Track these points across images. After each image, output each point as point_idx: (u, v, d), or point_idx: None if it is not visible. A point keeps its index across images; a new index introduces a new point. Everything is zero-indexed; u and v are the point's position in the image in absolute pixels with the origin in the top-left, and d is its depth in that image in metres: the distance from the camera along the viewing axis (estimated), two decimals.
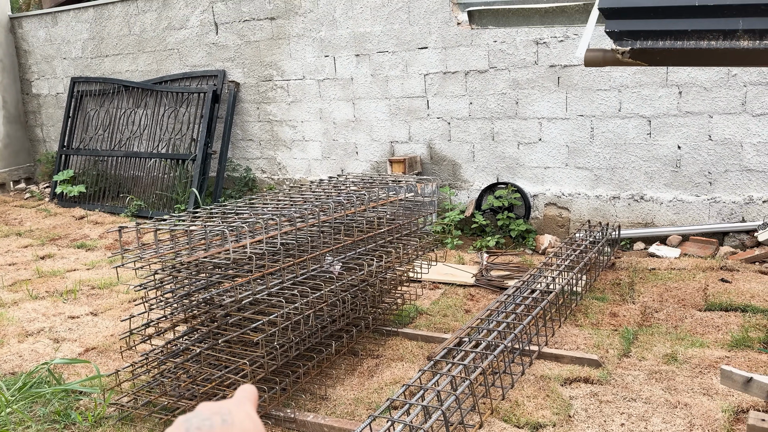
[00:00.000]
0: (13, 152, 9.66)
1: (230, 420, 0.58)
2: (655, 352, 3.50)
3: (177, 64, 7.97)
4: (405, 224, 3.92)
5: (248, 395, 0.66)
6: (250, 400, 0.65)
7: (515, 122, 5.96)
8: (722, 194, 5.25)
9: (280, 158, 7.47)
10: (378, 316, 4.02)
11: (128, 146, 8.27)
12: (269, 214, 3.13)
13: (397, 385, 3.25)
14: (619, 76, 5.44)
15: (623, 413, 2.88)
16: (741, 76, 5.05)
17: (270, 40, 7.21)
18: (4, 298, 4.83)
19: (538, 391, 3.11)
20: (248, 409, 0.62)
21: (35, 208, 8.31)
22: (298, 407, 3.09)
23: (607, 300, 4.33)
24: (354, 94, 6.78)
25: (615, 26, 1.94)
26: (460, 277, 4.91)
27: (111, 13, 8.41)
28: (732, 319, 3.88)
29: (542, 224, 6.00)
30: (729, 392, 2.98)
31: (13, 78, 9.61)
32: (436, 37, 6.18)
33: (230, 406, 0.61)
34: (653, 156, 5.44)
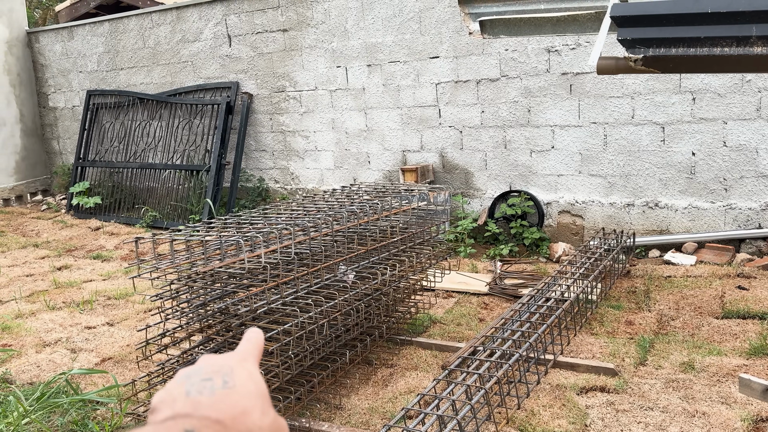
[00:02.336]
0: (30, 165, 9.79)
1: (232, 382, 0.56)
2: (671, 361, 3.46)
3: (191, 77, 8.06)
4: (418, 233, 3.92)
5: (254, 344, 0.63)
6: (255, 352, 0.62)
7: (527, 130, 5.96)
8: (738, 200, 5.20)
9: (293, 168, 7.51)
10: (392, 325, 4.02)
11: (143, 158, 8.36)
12: (283, 223, 3.15)
13: (411, 394, 3.24)
14: (631, 83, 5.42)
15: (640, 422, 2.85)
16: (755, 81, 5.02)
17: (283, 52, 7.27)
18: (22, 309, 4.88)
19: (554, 400, 3.09)
20: (251, 367, 0.60)
21: (52, 219, 8.41)
22: (313, 417, 3.09)
23: (623, 308, 4.30)
24: (366, 104, 6.82)
25: (627, 34, 1.94)
26: (474, 286, 4.90)
27: (126, 26, 8.53)
28: (750, 327, 3.84)
29: (556, 232, 5.98)
30: (748, 401, 2.94)
31: (30, 92, 9.76)
32: (448, 46, 6.20)
33: (233, 363, 0.58)
34: (667, 163, 5.41)
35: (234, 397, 0.54)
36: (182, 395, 0.54)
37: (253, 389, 0.56)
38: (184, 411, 0.52)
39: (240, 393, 0.55)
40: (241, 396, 0.55)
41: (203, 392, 0.54)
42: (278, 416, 0.57)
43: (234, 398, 0.54)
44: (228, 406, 0.53)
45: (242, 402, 0.54)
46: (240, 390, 0.55)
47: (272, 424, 0.56)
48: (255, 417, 0.54)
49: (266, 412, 0.55)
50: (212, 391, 0.54)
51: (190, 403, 0.53)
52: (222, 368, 0.57)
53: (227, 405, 0.53)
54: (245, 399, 0.54)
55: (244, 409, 0.54)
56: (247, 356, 0.61)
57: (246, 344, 0.62)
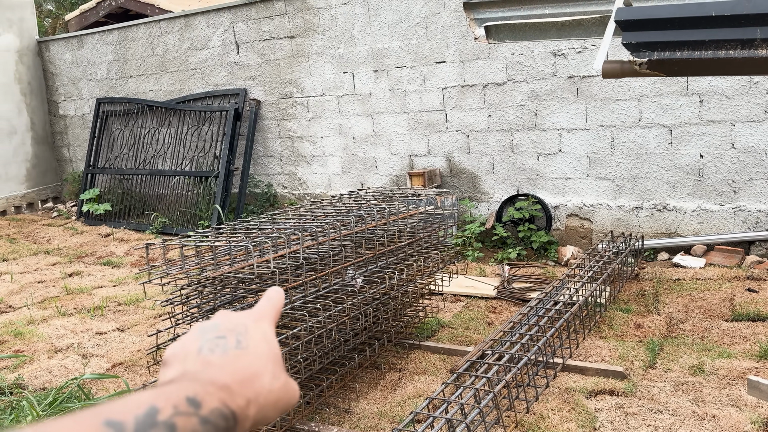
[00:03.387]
0: (41, 172, 9.89)
1: (245, 342, 0.54)
2: (681, 364, 3.45)
3: (199, 84, 8.12)
4: (425, 237, 3.94)
5: (273, 304, 0.61)
6: (272, 312, 0.61)
7: (534, 134, 5.96)
8: (747, 203, 5.18)
9: (301, 174, 7.54)
10: (400, 329, 4.03)
11: (152, 165, 8.42)
12: (291, 229, 3.17)
13: (420, 398, 3.25)
14: (638, 85, 5.42)
15: (649, 426, 2.85)
16: (763, 83, 5.00)
17: (290, 58, 7.32)
18: (34, 315, 4.93)
19: (563, 403, 3.09)
20: (266, 328, 0.58)
21: (62, 226, 8.49)
22: (322, 421, 3.10)
23: (632, 311, 4.29)
24: (373, 109, 6.85)
25: (632, 38, 1.96)
26: (482, 290, 4.90)
27: (135, 34, 8.61)
28: (760, 329, 3.82)
29: (564, 235, 5.97)
30: (758, 403, 2.93)
31: (40, 100, 9.86)
32: (454, 51, 6.22)
33: (248, 323, 0.57)
34: (675, 165, 5.40)
35: (245, 358, 0.53)
36: (194, 352, 0.53)
37: (265, 351, 0.55)
38: (193, 369, 0.52)
39: (252, 355, 0.54)
40: (252, 358, 0.54)
41: (215, 351, 0.53)
42: (290, 379, 0.56)
43: (245, 360, 0.53)
44: (238, 368, 0.52)
45: (253, 364, 0.53)
46: (252, 351, 0.54)
47: (282, 388, 0.55)
48: (265, 380, 0.53)
49: (277, 376, 0.55)
50: (224, 351, 0.53)
51: (200, 362, 0.52)
52: (237, 327, 0.56)
53: (237, 367, 0.52)
54: (257, 361, 0.54)
55: (255, 372, 0.53)
56: (264, 315, 0.60)
57: (265, 303, 0.61)
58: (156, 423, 0.43)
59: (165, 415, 0.44)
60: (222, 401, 0.49)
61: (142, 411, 0.43)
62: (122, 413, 0.43)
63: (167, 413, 0.44)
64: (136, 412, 0.43)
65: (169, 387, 0.48)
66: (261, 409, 0.52)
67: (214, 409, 0.47)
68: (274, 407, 0.54)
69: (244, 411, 0.50)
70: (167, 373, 0.53)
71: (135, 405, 0.44)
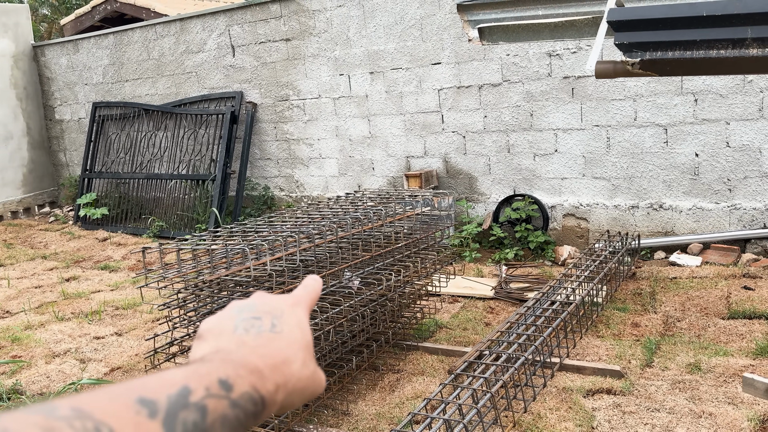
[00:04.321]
0: (38, 177, 9.88)
1: (280, 327, 0.54)
2: (678, 362, 3.47)
3: (195, 87, 8.12)
4: (422, 238, 3.94)
5: (309, 292, 0.61)
6: (308, 301, 0.60)
7: (530, 134, 5.98)
8: (742, 201, 5.20)
9: (298, 176, 7.55)
10: (398, 331, 4.04)
11: (149, 168, 8.42)
12: (288, 231, 3.18)
13: (418, 399, 3.26)
14: (633, 85, 5.44)
15: (647, 424, 2.86)
16: (757, 82, 5.02)
17: (286, 61, 7.32)
18: (31, 321, 4.93)
19: (561, 403, 3.10)
20: (301, 315, 0.58)
21: (59, 231, 8.48)
22: (321, 423, 3.11)
23: (629, 310, 4.31)
24: (369, 111, 6.86)
25: (624, 38, 1.97)
26: (480, 290, 4.91)
27: (130, 38, 8.61)
28: (756, 327, 3.84)
29: (561, 235, 5.99)
30: (755, 401, 2.94)
31: (36, 105, 9.86)
32: (449, 52, 6.23)
33: (284, 307, 0.57)
34: (671, 164, 5.41)
35: (279, 343, 0.53)
36: (229, 329, 0.53)
37: (299, 338, 0.55)
38: (226, 348, 0.52)
39: (285, 340, 0.54)
40: (285, 343, 0.54)
41: (250, 331, 0.53)
42: (318, 369, 0.57)
43: (278, 344, 0.53)
44: (270, 352, 0.52)
45: (286, 350, 0.53)
46: (286, 336, 0.54)
47: (311, 376, 0.55)
48: (295, 367, 0.53)
49: (307, 364, 0.55)
50: (259, 332, 0.53)
51: (234, 341, 0.52)
52: (273, 310, 0.56)
53: (270, 350, 0.52)
54: (289, 347, 0.54)
55: (286, 357, 0.53)
56: (300, 302, 0.59)
57: (302, 290, 0.61)
58: (188, 404, 0.43)
59: (197, 397, 0.44)
60: (252, 385, 0.49)
61: (175, 391, 0.43)
62: (155, 391, 0.43)
63: (199, 395, 0.44)
64: (169, 392, 0.43)
65: (202, 367, 0.48)
66: (289, 395, 0.53)
67: (244, 393, 0.48)
68: (300, 394, 0.54)
69: (273, 396, 0.51)
70: (201, 348, 0.53)
71: (168, 383, 0.44)
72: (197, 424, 0.43)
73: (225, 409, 0.46)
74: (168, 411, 0.42)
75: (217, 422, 0.45)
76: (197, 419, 0.43)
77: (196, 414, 0.43)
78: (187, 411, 0.43)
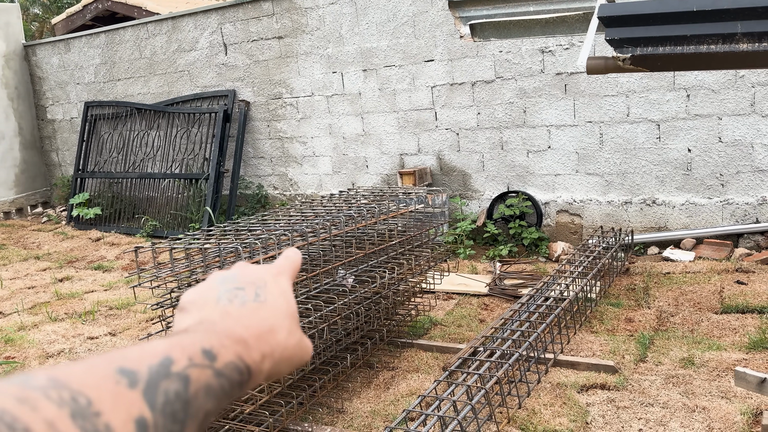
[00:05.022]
0: (30, 177, 9.83)
1: (263, 296, 0.54)
2: (671, 357, 3.48)
3: (188, 86, 8.09)
4: (416, 235, 3.94)
5: (291, 263, 0.61)
6: (290, 271, 0.60)
7: (524, 131, 5.98)
8: (735, 196, 5.23)
9: (292, 174, 7.54)
10: (392, 328, 4.04)
11: (142, 168, 8.39)
12: (281, 229, 3.17)
13: (413, 396, 3.26)
14: (626, 81, 5.45)
15: (641, 419, 2.87)
16: (749, 77, 5.04)
17: (278, 59, 7.31)
18: (25, 321, 4.90)
19: (555, 398, 3.11)
20: (284, 283, 0.57)
21: (52, 231, 8.44)
22: (316, 421, 3.11)
23: (622, 305, 4.32)
24: (362, 109, 6.85)
25: (615, 34, 1.97)
26: (474, 287, 4.92)
27: (122, 37, 8.57)
28: (749, 321, 3.85)
29: (555, 232, 6.00)
30: (748, 395, 2.96)
31: (28, 105, 9.80)
32: (442, 49, 6.23)
33: (267, 277, 0.57)
34: (664, 160, 5.43)
35: (263, 312, 0.53)
36: (213, 300, 0.53)
37: (283, 307, 0.55)
38: (210, 318, 0.51)
39: (270, 309, 0.54)
40: (270, 312, 0.53)
41: (233, 301, 0.53)
42: (304, 337, 0.56)
43: (263, 314, 0.53)
44: (255, 321, 0.52)
45: (270, 319, 0.53)
46: (270, 306, 0.54)
47: (297, 345, 0.55)
48: (281, 336, 0.53)
49: (293, 332, 0.54)
50: (243, 302, 0.53)
51: (218, 311, 0.52)
52: (257, 280, 0.56)
53: (254, 320, 0.52)
54: (274, 316, 0.53)
55: (271, 326, 0.52)
56: (283, 271, 0.59)
57: (283, 260, 0.61)
58: (170, 374, 0.42)
59: (179, 367, 0.43)
60: (237, 355, 0.48)
61: (157, 361, 0.43)
62: (136, 362, 0.42)
63: (182, 365, 0.44)
64: (150, 362, 0.42)
65: (184, 337, 0.47)
66: (275, 364, 0.52)
67: (228, 363, 0.47)
68: (288, 363, 0.54)
69: (259, 365, 0.50)
70: (184, 320, 0.53)
71: (150, 354, 0.43)
72: (179, 393, 0.42)
73: (209, 378, 0.45)
74: (149, 381, 0.41)
75: (201, 392, 0.44)
76: (179, 389, 0.42)
77: (179, 384, 0.43)
78: (168, 381, 0.42)
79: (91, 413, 0.37)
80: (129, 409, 0.39)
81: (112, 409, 0.38)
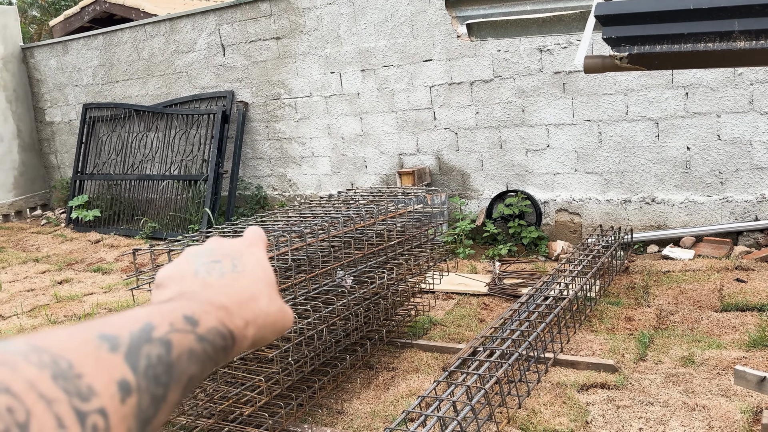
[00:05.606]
0: (29, 180, 9.82)
1: (241, 267, 0.55)
2: (671, 355, 3.48)
3: (186, 87, 8.09)
4: (416, 236, 3.94)
5: (259, 236, 0.61)
6: (261, 242, 0.61)
7: (522, 130, 5.98)
8: (734, 193, 5.22)
9: (291, 175, 7.53)
10: (392, 329, 4.03)
11: (141, 169, 8.38)
12: (280, 230, 3.16)
13: (412, 397, 3.25)
14: (624, 79, 5.44)
15: (641, 418, 2.86)
16: (747, 74, 5.04)
17: (276, 60, 7.30)
18: (24, 324, 4.90)
19: (555, 398, 3.10)
20: (259, 253, 0.59)
21: (52, 233, 8.43)
22: (315, 422, 3.10)
23: (622, 304, 4.31)
24: (361, 109, 6.84)
25: (612, 32, 1.96)
26: (473, 287, 4.91)
27: (120, 39, 8.56)
28: (749, 319, 3.85)
29: (554, 231, 5.99)
30: (748, 393, 2.95)
31: (26, 107, 9.79)
32: (440, 49, 6.22)
33: (241, 248, 0.57)
34: (662, 158, 5.42)
35: (242, 282, 0.54)
36: (190, 274, 0.53)
37: (261, 275, 0.56)
38: (190, 290, 0.52)
39: (248, 278, 0.54)
40: (249, 281, 0.54)
41: (212, 273, 0.53)
42: (285, 305, 0.57)
43: (242, 283, 0.54)
44: (236, 290, 0.52)
45: (250, 287, 0.54)
46: (249, 275, 0.55)
47: (279, 311, 0.55)
48: (263, 303, 0.54)
49: (273, 299, 0.55)
50: (221, 274, 0.53)
51: (198, 283, 0.52)
52: (232, 252, 0.56)
53: (235, 289, 0.52)
54: (253, 284, 0.54)
55: (252, 294, 0.53)
56: (255, 243, 0.60)
57: (251, 234, 0.62)
58: (151, 339, 0.42)
59: (161, 332, 0.43)
60: (220, 321, 0.48)
61: (138, 327, 0.43)
62: (117, 328, 0.42)
63: (163, 330, 0.44)
64: (131, 328, 0.42)
65: (165, 305, 0.47)
66: (259, 330, 0.53)
67: (211, 328, 0.47)
68: (271, 329, 0.55)
69: (242, 331, 0.51)
70: (163, 294, 0.53)
71: (130, 321, 0.43)
72: (161, 357, 0.42)
73: (191, 343, 0.45)
74: (130, 345, 0.41)
75: (184, 356, 0.44)
76: (161, 353, 0.42)
77: (161, 348, 0.43)
78: (150, 345, 0.42)
79: (73, 375, 0.37)
80: (111, 371, 0.39)
81: (94, 372, 0.38)
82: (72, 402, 0.36)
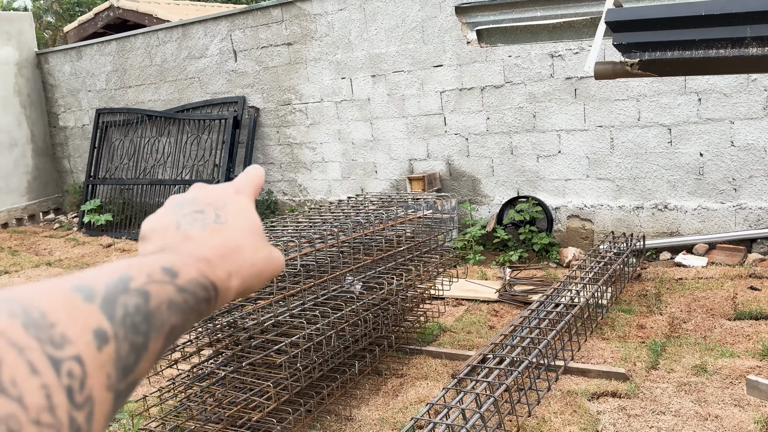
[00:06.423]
0: (42, 184, 9.91)
1: (224, 217, 0.54)
2: (684, 364, 3.44)
3: (198, 92, 8.14)
4: (425, 241, 3.93)
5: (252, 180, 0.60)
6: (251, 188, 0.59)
7: (533, 135, 5.95)
8: (748, 200, 5.16)
9: (301, 180, 7.55)
10: (401, 335, 4.02)
11: (153, 174, 8.44)
12: (289, 236, 3.17)
13: (421, 404, 3.24)
14: (636, 85, 5.41)
15: (652, 427, 2.83)
16: (761, 80, 4.99)
17: (288, 65, 7.33)
18: None
19: (565, 406, 3.07)
20: (244, 201, 0.57)
21: (64, 237, 8.50)
22: (324, 428, 3.09)
23: (634, 312, 4.27)
24: (371, 114, 6.85)
25: (623, 39, 1.95)
26: (484, 293, 4.89)
27: (133, 45, 8.64)
28: (762, 328, 3.80)
29: (565, 237, 5.96)
30: (761, 403, 2.91)
31: (40, 112, 9.89)
32: (451, 54, 6.22)
33: (226, 196, 0.56)
34: (675, 164, 5.38)
35: (225, 232, 0.53)
36: (173, 226, 0.53)
37: (245, 224, 0.55)
38: (172, 244, 0.51)
39: (232, 228, 0.53)
40: (233, 232, 0.53)
41: (194, 225, 0.53)
42: (273, 249, 0.56)
43: (226, 234, 0.53)
44: (218, 242, 0.52)
45: (234, 238, 0.53)
46: (232, 225, 0.54)
47: (265, 259, 0.55)
48: (247, 253, 0.53)
49: (259, 248, 0.54)
50: (204, 225, 0.53)
51: (180, 237, 0.52)
52: (216, 201, 0.55)
53: (217, 241, 0.52)
54: (237, 235, 0.53)
55: (236, 245, 0.53)
56: (243, 189, 0.58)
57: (243, 177, 0.60)
58: (128, 289, 0.42)
59: (138, 283, 0.43)
60: (200, 272, 0.48)
61: (114, 278, 0.42)
62: (92, 279, 0.41)
63: (141, 281, 0.43)
64: (107, 279, 0.42)
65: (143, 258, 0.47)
66: (244, 281, 0.52)
67: (191, 279, 0.47)
68: (258, 278, 0.54)
69: (225, 283, 0.50)
70: (146, 248, 0.53)
71: (107, 273, 0.43)
72: (139, 307, 0.42)
73: (171, 293, 0.45)
74: (106, 295, 0.40)
75: (163, 305, 0.44)
76: (139, 303, 0.42)
77: (138, 298, 0.42)
78: (127, 295, 0.41)
79: (46, 324, 0.36)
80: (86, 320, 0.38)
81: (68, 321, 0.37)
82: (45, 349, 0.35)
